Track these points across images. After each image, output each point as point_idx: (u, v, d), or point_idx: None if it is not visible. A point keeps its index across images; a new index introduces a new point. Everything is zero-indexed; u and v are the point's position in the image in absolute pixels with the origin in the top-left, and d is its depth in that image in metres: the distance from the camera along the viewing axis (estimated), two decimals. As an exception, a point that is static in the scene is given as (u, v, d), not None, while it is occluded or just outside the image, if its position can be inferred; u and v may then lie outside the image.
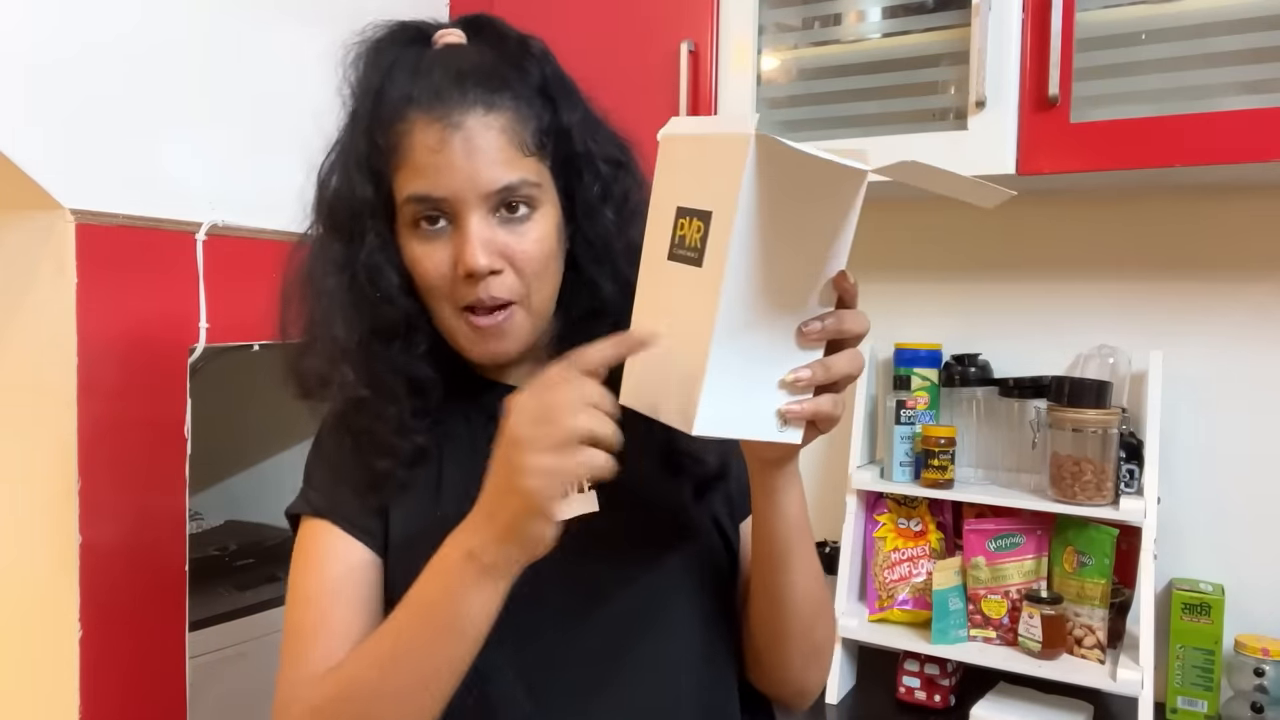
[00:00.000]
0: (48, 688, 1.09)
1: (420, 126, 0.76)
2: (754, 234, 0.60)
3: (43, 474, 1.09)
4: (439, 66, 0.78)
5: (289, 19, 1.36)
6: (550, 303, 0.82)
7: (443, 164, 0.75)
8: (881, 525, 1.45)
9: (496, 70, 0.78)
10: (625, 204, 0.83)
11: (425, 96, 0.76)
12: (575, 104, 0.82)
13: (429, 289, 0.79)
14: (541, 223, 0.78)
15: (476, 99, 0.76)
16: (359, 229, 0.80)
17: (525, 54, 0.81)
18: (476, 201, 0.75)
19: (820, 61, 1.43)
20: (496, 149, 0.75)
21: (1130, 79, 1.21)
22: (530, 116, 0.78)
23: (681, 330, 0.64)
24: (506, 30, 0.83)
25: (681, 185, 0.65)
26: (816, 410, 0.66)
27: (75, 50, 1.08)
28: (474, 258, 0.75)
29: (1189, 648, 1.29)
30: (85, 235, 1.07)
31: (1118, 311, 1.43)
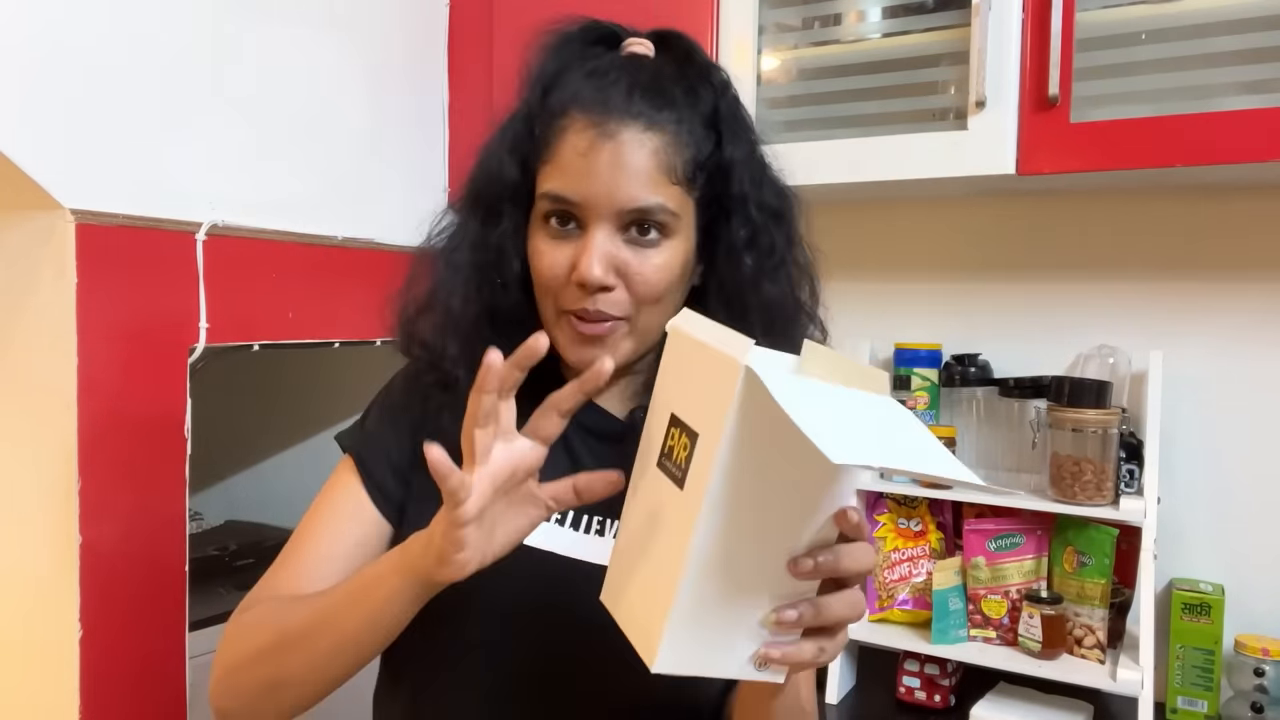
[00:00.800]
0: (48, 688, 1.09)
1: (577, 128, 0.76)
2: (740, 467, 0.54)
3: (43, 474, 1.09)
4: (614, 72, 0.77)
5: (289, 19, 1.36)
6: (658, 330, 0.79)
7: (586, 169, 0.74)
8: (881, 525, 1.45)
9: (667, 90, 0.77)
10: (770, 256, 0.81)
11: (590, 99, 0.76)
12: (742, 142, 0.81)
13: (541, 285, 0.79)
14: (669, 252, 0.77)
15: (639, 113, 0.75)
16: (497, 211, 0.80)
17: (704, 80, 0.80)
18: (609, 214, 0.75)
19: (820, 61, 1.43)
20: (643, 168, 0.74)
21: (1130, 79, 1.21)
22: (689, 144, 0.77)
23: (658, 548, 0.59)
24: (695, 52, 0.82)
25: (679, 389, 0.61)
26: (798, 657, 0.59)
27: (75, 50, 1.08)
28: (589, 268, 0.74)
29: (1189, 648, 1.29)
30: (85, 235, 1.07)
31: (1118, 311, 1.43)
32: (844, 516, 0.58)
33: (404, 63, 1.59)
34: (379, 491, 0.84)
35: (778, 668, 0.60)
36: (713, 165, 0.79)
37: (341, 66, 1.46)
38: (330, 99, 1.44)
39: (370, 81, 1.51)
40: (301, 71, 1.38)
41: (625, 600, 0.63)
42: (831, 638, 0.60)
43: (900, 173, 1.31)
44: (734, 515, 0.56)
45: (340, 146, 1.46)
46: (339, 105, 1.46)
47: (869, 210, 1.60)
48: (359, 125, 1.50)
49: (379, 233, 1.49)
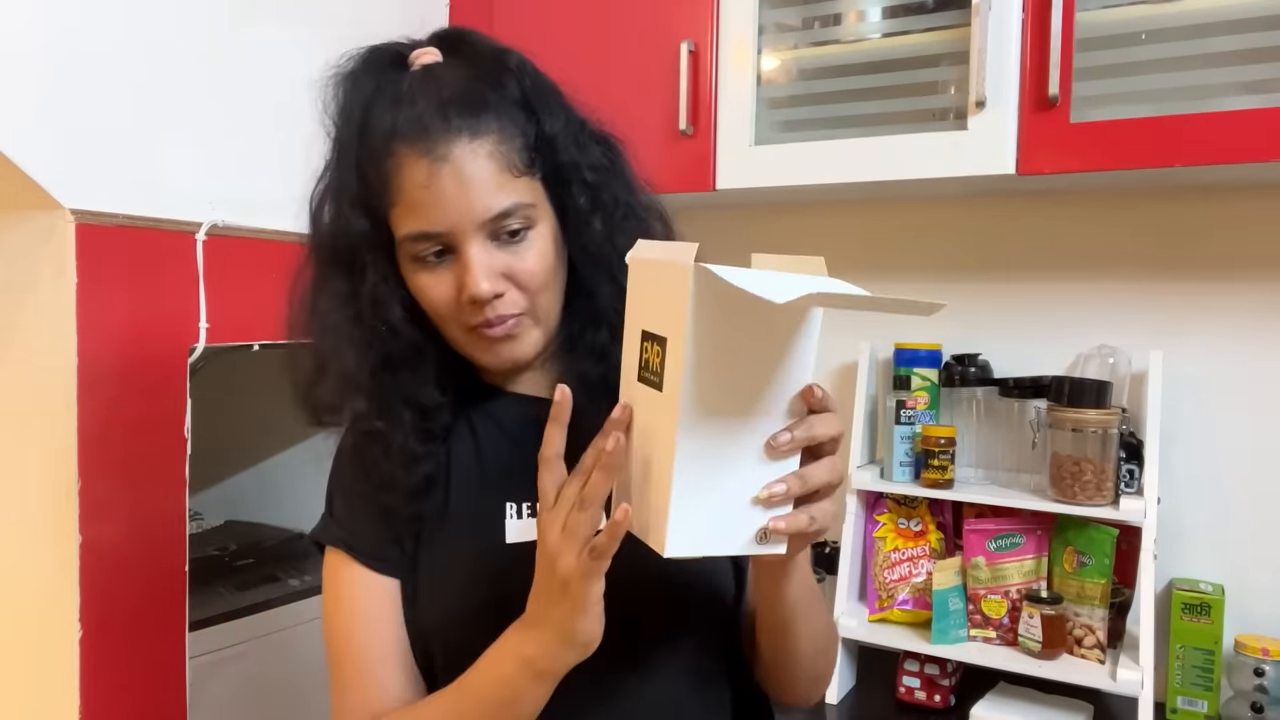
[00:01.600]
0: (48, 688, 1.09)
1: (409, 162, 0.75)
2: (707, 358, 0.61)
3: (43, 474, 1.09)
4: (420, 95, 0.77)
5: (289, 20, 1.36)
6: (556, 311, 0.83)
7: (435, 199, 0.75)
8: (881, 525, 1.45)
9: (476, 92, 0.77)
10: (615, 210, 0.83)
11: (409, 129, 0.75)
12: (556, 112, 0.81)
13: (439, 316, 0.80)
14: (539, 240, 0.79)
15: (460, 127, 0.75)
16: (359, 263, 0.80)
17: (503, 69, 0.80)
18: (474, 230, 0.76)
19: (820, 61, 1.43)
20: (486, 176, 0.75)
21: (1130, 79, 1.21)
22: (515, 134, 0.78)
23: (653, 452, 0.65)
24: (483, 45, 0.82)
25: (646, 309, 0.67)
26: (794, 526, 0.65)
27: (76, 51, 1.08)
28: (477, 285, 0.75)
29: (1189, 648, 1.29)
30: (85, 235, 1.07)
31: (1118, 311, 1.43)
32: (809, 393, 0.64)
33: (404, 63, 1.59)
34: (381, 561, 0.84)
35: (778, 539, 0.65)
36: (539, 144, 0.80)
37: (341, 66, 1.46)
38: (330, 99, 1.44)
39: (370, 81, 1.51)
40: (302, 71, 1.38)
41: (636, 508, 0.67)
42: (819, 504, 0.66)
43: (900, 173, 1.31)
44: (711, 400, 0.62)
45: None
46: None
47: (869, 210, 1.60)
48: (359, 125, 1.50)
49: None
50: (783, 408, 0.64)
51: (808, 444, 0.65)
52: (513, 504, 0.83)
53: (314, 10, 1.40)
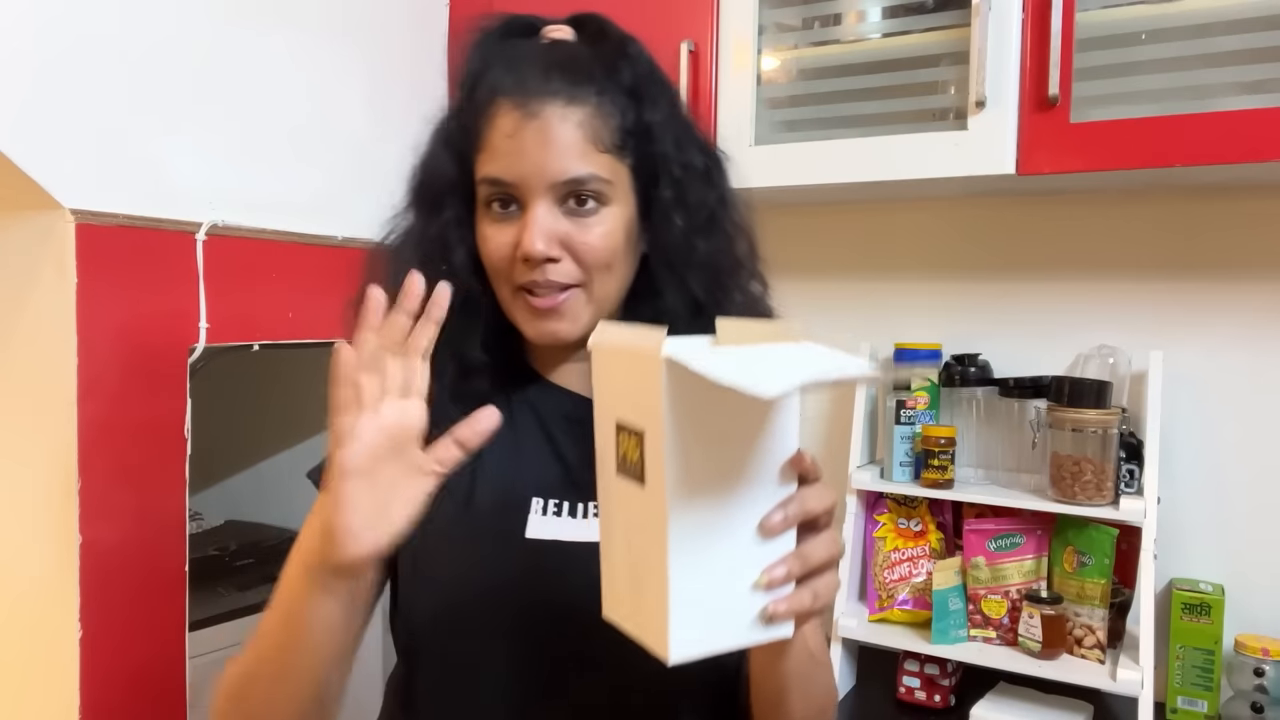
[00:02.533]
0: (48, 688, 1.09)
1: (503, 112, 0.78)
2: (689, 447, 0.58)
3: (43, 474, 1.09)
4: (530, 57, 0.80)
5: (289, 20, 1.36)
6: (615, 297, 0.83)
7: (516, 150, 0.77)
8: (881, 525, 1.45)
9: (585, 65, 0.80)
10: (700, 212, 0.83)
11: (512, 85, 0.78)
12: (662, 106, 0.82)
13: (492, 268, 0.81)
14: (609, 219, 0.79)
15: (559, 90, 0.77)
16: (439, 204, 0.83)
17: (620, 53, 0.82)
18: (544, 190, 0.77)
19: (820, 61, 1.43)
20: (570, 141, 0.77)
21: (1130, 79, 1.21)
22: (613, 113, 0.79)
23: (642, 551, 0.61)
24: (608, 28, 0.85)
25: (617, 398, 0.64)
26: (798, 606, 0.62)
27: (75, 50, 1.08)
28: (531, 243, 0.76)
29: (1189, 648, 1.29)
30: (85, 235, 1.07)
31: (1118, 311, 1.43)
32: (798, 461, 0.62)
33: (404, 62, 1.59)
34: None
35: (784, 622, 0.62)
36: (638, 131, 0.81)
37: (341, 67, 1.46)
38: (330, 99, 1.44)
39: (370, 82, 1.51)
40: (301, 72, 1.38)
41: (627, 608, 0.64)
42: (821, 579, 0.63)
43: (900, 173, 1.31)
44: (697, 489, 0.59)
45: (340, 147, 1.46)
46: (339, 105, 1.46)
47: (869, 210, 1.60)
48: (359, 125, 1.50)
49: (379, 233, 1.49)
50: (772, 482, 0.62)
51: (802, 520, 0.63)
52: (539, 499, 0.83)
53: (314, 10, 1.40)
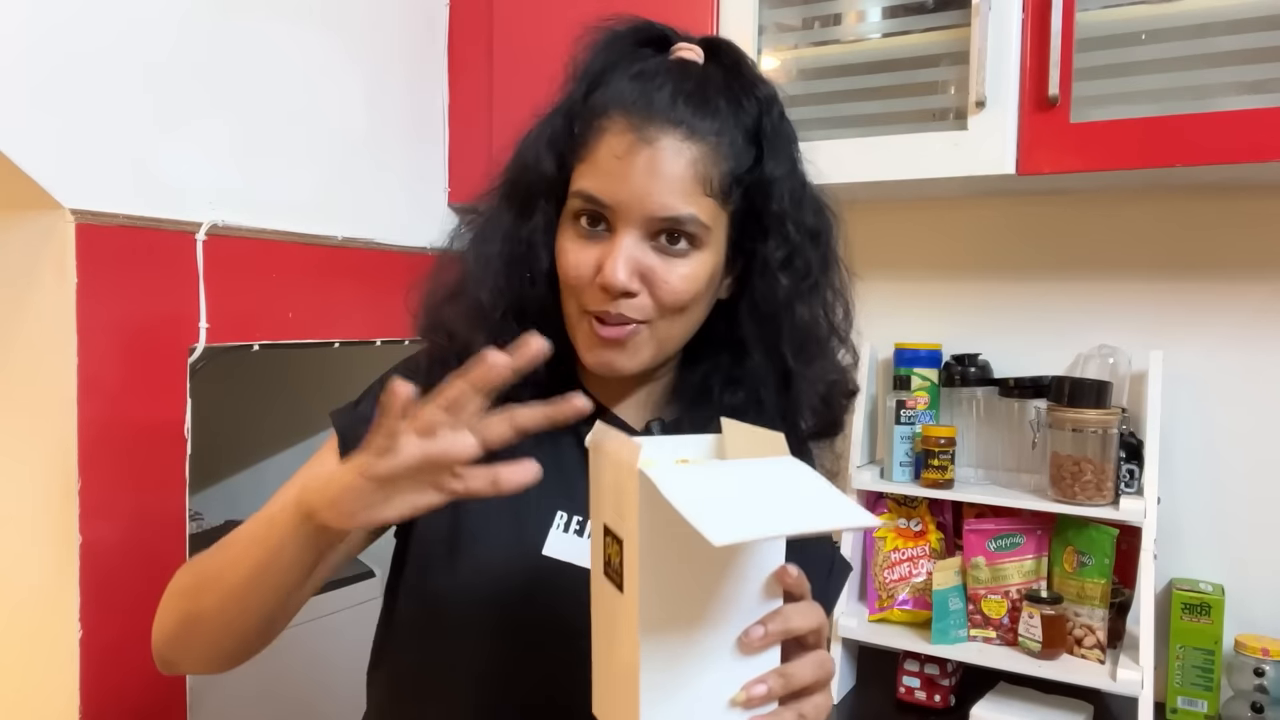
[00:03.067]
0: (48, 688, 1.09)
1: (617, 130, 0.75)
2: (665, 559, 0.57)
3: (43, 474, 1.09)
4: (660, 76, 0.76)
5: (289, 19, 1.36)
6: (679, 340, 0.80)
7: (621, 172, 0.74)
8: (881, 525, 1.45)
9: (712, 99, 0.76)
10: (806, 278, 0.80)
11: (633, 101, 0.75)
12: (784, 159, 0.80)
13: (566, 284, 0.79)
14: (696, 263, 0.76)
15: (680, 120, 0.74)
16: (531, 205, 0.80)
17: (749, 93, 0.79)
18: (639, 220, 0.74)
19: (820, 61, 1.43)
20: (678, 178, 0.73)
21: (1130, 79, 1.21)
22: (728, 157, 0.76)
23: (620, 657, 0.61)
24: (744, 63, 0.81)
25: (605, 500, 0.63)
26: None
27: (76, 50, 1.08)
28: (614, 273, 0.74)
29: (1189, 648, 1.29)
30: (85, 235, 1.07)
31: (1118, 311, 1.43)
32: (783, 575, 0.59)
33: (404, 63, 1.59)
34: None
35: None
36: (751, 180, 0.78)
37: (341, 66, 1.46)
38: (330, 99, 1.44)
39: (370, 81, 1.51)
40: (301, 71, 1.38)
41: (609, 707, 0.64)
42: (808, 699, 0.61)
43: (900, 173, 1.31)
44: (673, 600, 0.58)
45: (340, 146, 1.46)
46: (339, 105, 1.46)
47: (869, 210, 1.60)
48: (359, 125, 1.50)
49: (379, 233, 1.49)
50: (754, 598, 0.60)
51: (784, 638, 0.60)
52: (563, 513, 0.81)
53: (314, 9, 1.40)
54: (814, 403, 0.81)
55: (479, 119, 1.64)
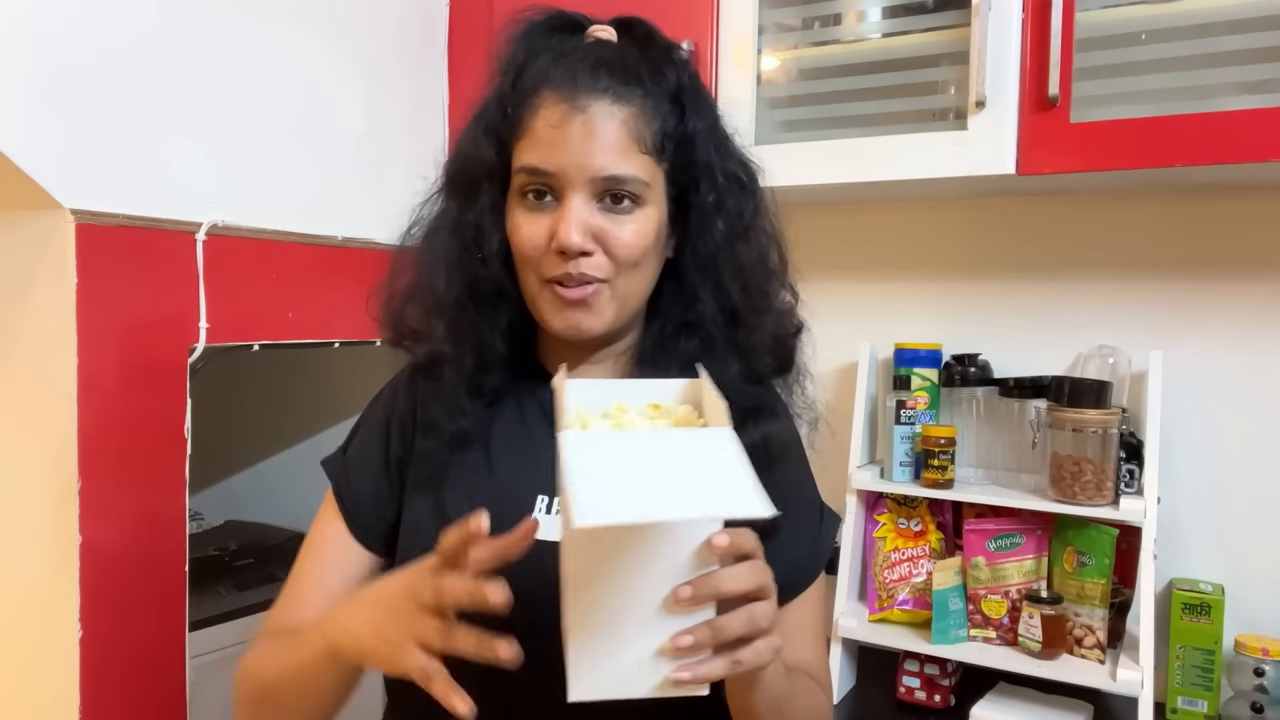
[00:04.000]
0: (48, 688, 1.09)
1: (549, 103, 0.79)
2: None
3: (43, 474, 1.09)
4: (580, 52, 0.80)
5: (289, 19, 1.36)
6: (638, 297, 0.84)
7: (559, 141, 0.77)
8: (881, 525, 1.45)
9: (633, 66, 0.80)
10: (739, 220, 0.84)
11: (559, 77, 0.79)
12: (705, 115, 0.84)
13: (522, 257, 0.81)
14: (642, 219, 0.80)
15: (607, 87, 0.78)
16: (475, 190, 0.83)
17: (666, 59, 0.83)
18: (583, 183, 0.78)
19: (820, 61, 1.43)
20: (614, 139, 0.78)
21: (1130, 79, 1.21)
22: (655, 117, 0.80)
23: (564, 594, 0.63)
24: (655, 34, 0.85)
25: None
26: (708, 673, 0.62)
27: (76, 51, 1.08)
28: (568, 234, 0.77)
29: (1189, 648, 1.29)
30: (85, 235, 1.07)
31: (1118, 311, 1.43)
32: (711, 547, 0.61)
33: (404, 63, 1.59)
34: (356, 525, 0.88)
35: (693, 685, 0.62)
36: (679, 136, 0.82)
37: (342, 66, 1.46)
38: (330, 99, 1.44)
39: (370, 81, 1.51)
40: (301, 71, 1.38)
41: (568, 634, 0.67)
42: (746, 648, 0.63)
43: (900, 173, 1.31)
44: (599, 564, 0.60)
45: (340, 146, 1.46)
46: (339, 105, 1.46)
47: (870, 210, 1.60)
48: (359, 125, 1.50)
49: (379, 233, 1.49)
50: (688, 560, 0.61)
51: (714, 598, 0.62)
52: (544, 496, 0.83)
53: (315, 9, 1.40)
54: (766, 340, 0.85)
55: (479, 119, 1.64)
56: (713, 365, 0.79)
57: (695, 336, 0.83)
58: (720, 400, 0.65)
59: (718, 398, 0.65)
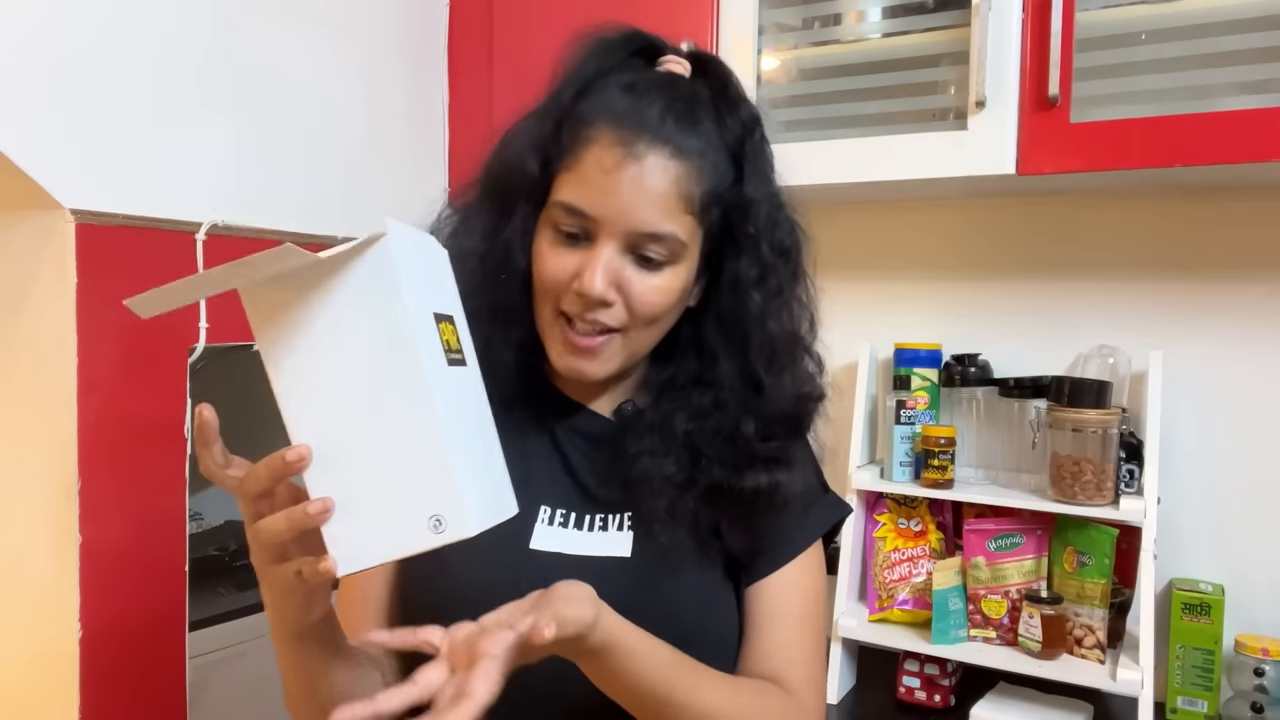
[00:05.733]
0: (48, 688, 1.09)
1: (604, 142, 0.76)
2: (281, 364, 0.62)
3: (43, 474, 1.09)
4: (651, 92, 0.77)
5: (289, 19, 1.36)
6: (649, 348, 0.82)
7: (607, 187, 0.75)
8: (881, 525, 1.45)
9: (701, 116, 0.78)
10: (777, 295, 0.82)
11: (623, 114, 0.76)
12: (763, 181, 0.81)
13: (542, 288, 0.80)
14: (670, 276, 0.78)
15: (668, 138, 0.75)
16: (511, 206, 0.81)
17: (734, 113, 0.80)
18: (620, 234, 0.76)
19: (820, 61, 1.43)
20: (661, 196, 0.75)
21: (1130, 79, 1.21)
22: (710, 177, 0.78)
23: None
24: (731, 83, 0.82)
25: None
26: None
27: (76, 51, 1.08)
28: (592, 283, 0.75)
29: (1189, 648, 1.29)
30: (85, 235, 1.07)
31: (1118, 311, 1.43)
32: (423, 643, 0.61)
33: (404, 63, 1.59)
34: None
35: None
36: (730, 199, 0.79)
37: (342, 66, 1.46)
38: (330, 99, 1.44)
39: (370, 81, 1.51)
40: (301, 71, 1.38)
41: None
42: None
43: (900, 173, 1.31)
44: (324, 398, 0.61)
45: (340, 146, 1.46)
46: (339, 105, 1.46)
47: (869, 210, 1.60)
48: (359, 125, 1.50)
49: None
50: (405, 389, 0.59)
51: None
52: (547, 508, 0.83)
53: (315, 10, 1.40)
54: (786, 410, 0.83)
55: (479, 119, 1.64)
56: (725, 422, 0.79)
57: (709, 393, 0.81)
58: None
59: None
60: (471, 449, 0.62)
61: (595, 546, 0.82)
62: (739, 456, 0.80)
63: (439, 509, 0.59)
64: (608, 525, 0.83)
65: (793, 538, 0.86)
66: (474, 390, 0.67)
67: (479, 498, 0.61)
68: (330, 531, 0.60)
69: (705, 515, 0.81)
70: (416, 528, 0.59)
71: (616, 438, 0.84)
